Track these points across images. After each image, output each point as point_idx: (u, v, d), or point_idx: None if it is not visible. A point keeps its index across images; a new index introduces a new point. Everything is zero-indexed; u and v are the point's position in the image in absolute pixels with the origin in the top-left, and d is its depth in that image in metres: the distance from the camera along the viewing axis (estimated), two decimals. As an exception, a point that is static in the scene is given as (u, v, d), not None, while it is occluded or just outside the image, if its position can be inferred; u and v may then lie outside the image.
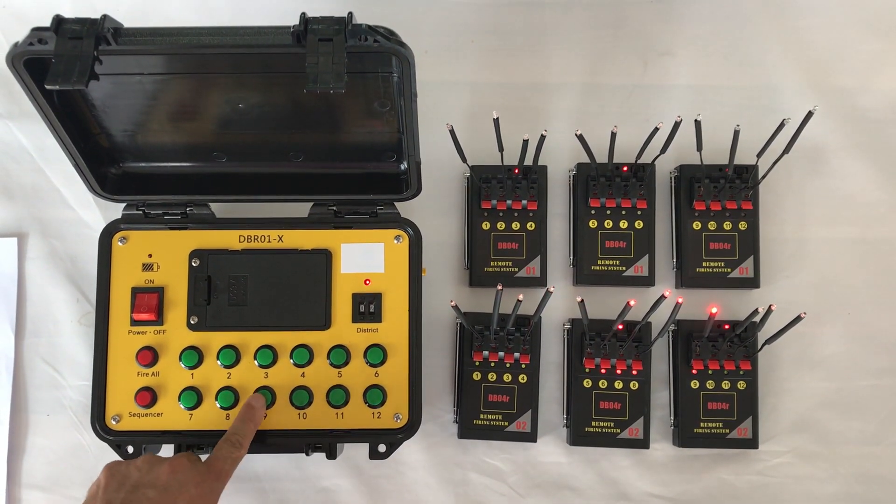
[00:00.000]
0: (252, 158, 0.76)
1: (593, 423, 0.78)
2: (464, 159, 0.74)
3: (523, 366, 0.78)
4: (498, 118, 0.70)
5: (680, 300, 0.65)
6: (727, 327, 0.78)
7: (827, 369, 0.82)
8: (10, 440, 0.80)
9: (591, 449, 0.81)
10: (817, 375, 0.82)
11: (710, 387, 0.79)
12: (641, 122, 0.84)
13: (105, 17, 0.57)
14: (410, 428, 0.72)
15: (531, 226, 0.81)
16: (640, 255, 0.80)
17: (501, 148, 0.73)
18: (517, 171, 0.79)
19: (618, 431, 0.78)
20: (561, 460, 0.81)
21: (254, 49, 0.58)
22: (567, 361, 0.80)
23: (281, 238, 0.75)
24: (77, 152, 0.68)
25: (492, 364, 0.78)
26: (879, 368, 0.82)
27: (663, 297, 0.67)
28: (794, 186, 0.84)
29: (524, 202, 0.80)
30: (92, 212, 0.84)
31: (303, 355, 0.73)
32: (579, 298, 0.69)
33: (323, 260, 0.74)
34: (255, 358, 0.73)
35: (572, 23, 0.86)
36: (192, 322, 0.73)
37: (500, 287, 0.68)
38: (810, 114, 0.70)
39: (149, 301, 0.72)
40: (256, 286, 0.74)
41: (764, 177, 0.77)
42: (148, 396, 0.72)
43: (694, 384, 0.79)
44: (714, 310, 0.69)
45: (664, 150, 0.75)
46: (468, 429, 0.79)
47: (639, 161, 0.78)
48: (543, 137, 0.73)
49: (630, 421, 0.78)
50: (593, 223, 0.81)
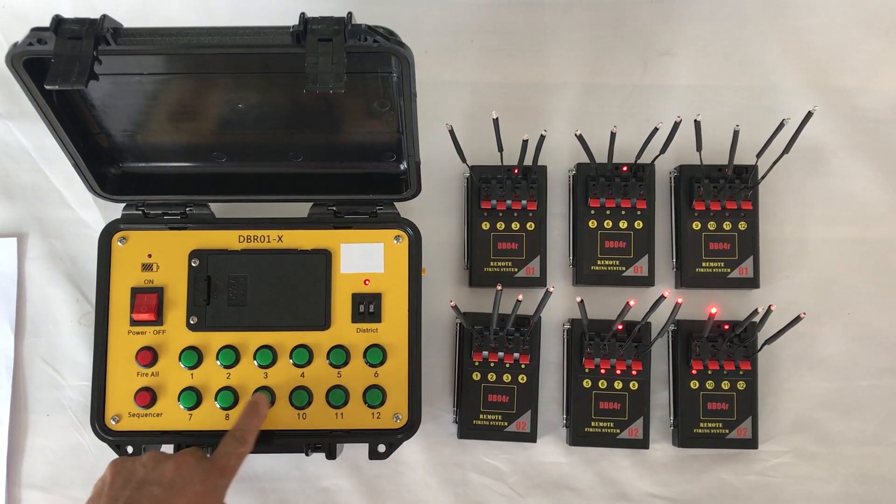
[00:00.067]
0: (252, 158, 0.76)
1: (593, 424, 0.78)
2: (463, 159, 0.74)
3: (523, 366, 0.78)
4: (497, 118, 0.70)
5: (679, 300, 0.65)
6: (727, 327, 0.78)
7: (827, 369, 0.82)
8: (10, 440, 0.80)
9: (591, 449, 0.80)
10: (817, 375, 0.82)
11: (710, 387, 0.79)
12: (641, 122, 0.84)
13: (104, 17, 0.57)
14: (410, 428, 0.72)
15: (531, 226, 0.81)
16: (640, 256, 0.80)
17: (501, 148, 0.73)
18: (517, 172, 0.79)
19: (617, 432, 0.78)
20: (561, 460, 0.81)
21: (253, 49, 0.58)
22: (567, 361, 0.80)
23: (280, 238, 0.75)
24: (77, 152, 0.68)
25: (491, 364, 0.78)
26: (879, 368, 0.82)
27: (663, 298, 0.67)
28: (794, 186, 0.84)
29: (524, 202, 0.80)
30: (92, 212, 0.84)
31: (302, 355, 0.73)
32: (579, 298, 0.69)
33: (322, 260, 0.74)
34: (255, 358, 0.73)
35: (572, 23, 0.86)
36: (192, 322, 0.73)
37: (500, 287, 0.68)
38: (810, 114, 0.70)
39: (148, 301, 0.72)
40: (256, 286, 0.74)
41: (764, 177, 0.77)
42: (147, 396, 0.72)
43: (693, 384, 0.79)
44: (714, 310, 0.69)
45: (664, 150, 0.75)
46: (468, 429, 0.79)
47: (638, 161, 0.78)
48: (543, 137, 0.73)
49: (630, 421, 0.78)
50: (593, 223, 0.81)
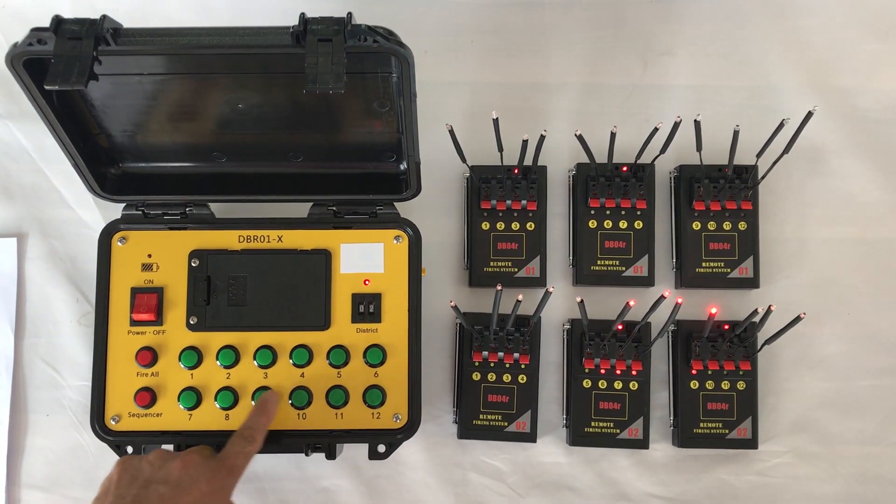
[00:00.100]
0: (252, 158, 0.76)
1: (593, 424, 0.78)
2: (463, 159, 0.74)
3: (523, 366, 0.78)
4: (497, 118, 0.70)
5: (679, 300, 0.65)
6: (727, 327, 0.78)
7: (827, 369, 0.82)
8: (10, 440, 0.80)
9: (591, 449, 0.80)
10: (817, 375, 0.82)
11: (710, 387, 0.79)
12: (641, 122, 0.84)
13: (104, 18, 0.57)
14: (410, 428, 0.72)
15: (531, 226, 0.81)
16: (640, 256, 0.80)
17: (501, 148, 0.73)
18: (517, 172, 0.79)
19: (617, 432, 0.78)
20: (560, 460, 0.81)
21: (253, 49, 0.58)
22: (567, 362, 0.80)
23: (280, 238, 0.75)
24: (76, 152, 0.68)
25: (491, 364, 0.78)
26: (879, 368, 0.82)
27: (663, 298, 0.67)
28: (794, 186, 0.84)
29: (524, 202, 0.80)
30: (91, 212, 0.84)
31: (302, 355, 0.73)
32: (579, 299, 0.69)
33: (322, 260, 0.74)
34: (255, 358, 0.73)
35: (572, 23, 0.86)
36: (192, 322, 0.73)
37: (500, 287, 0.68)
38: (810, 114, 0.70)
39: (148, 301, 0.72)
40: (256, 286, 0.74)
41: (764, 177, 0.77)
42: (147, 397, 0.72)
43: (693, 384, 0.79)
44: (714, 310, 0.69)
45: (664, 151, 0.75)
46: (468, 429, 0.79)
47: (638, 161, 0.77)
48: (543, 137, 0.73)
49: (629, 421, 0.78)
50: (593, 223, 0.81)
